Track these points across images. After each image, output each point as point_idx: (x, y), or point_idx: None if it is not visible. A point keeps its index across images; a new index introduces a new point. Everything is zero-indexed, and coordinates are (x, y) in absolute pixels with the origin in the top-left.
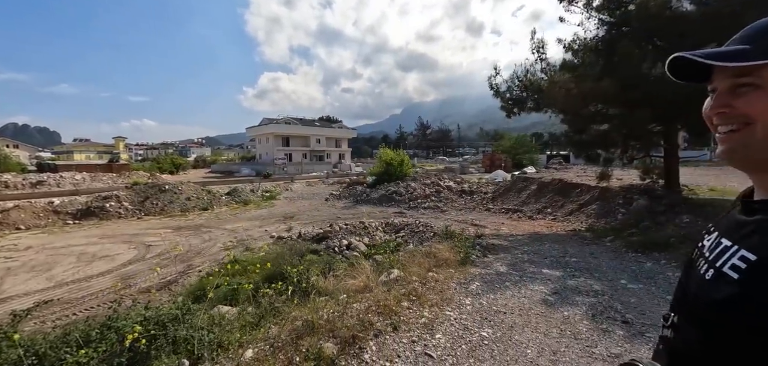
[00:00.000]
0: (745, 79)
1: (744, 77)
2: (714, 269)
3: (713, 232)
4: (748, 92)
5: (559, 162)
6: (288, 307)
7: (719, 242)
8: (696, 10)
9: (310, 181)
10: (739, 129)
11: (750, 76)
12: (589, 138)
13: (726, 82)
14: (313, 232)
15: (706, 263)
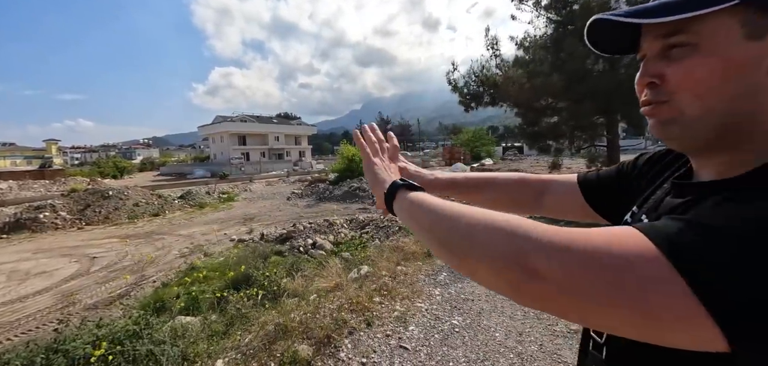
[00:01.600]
0: (677, 38)
1: (678, 36)
2: None
3: (640, 212)
4: (683, 56)
5: (514, 153)
6: (257, 312)
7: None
8: None
9: (270, 181)
10: (670, 100)
11: (684, 33)
12: (541, 130)
13: (656, 43)
14: (276, 232)
15: None
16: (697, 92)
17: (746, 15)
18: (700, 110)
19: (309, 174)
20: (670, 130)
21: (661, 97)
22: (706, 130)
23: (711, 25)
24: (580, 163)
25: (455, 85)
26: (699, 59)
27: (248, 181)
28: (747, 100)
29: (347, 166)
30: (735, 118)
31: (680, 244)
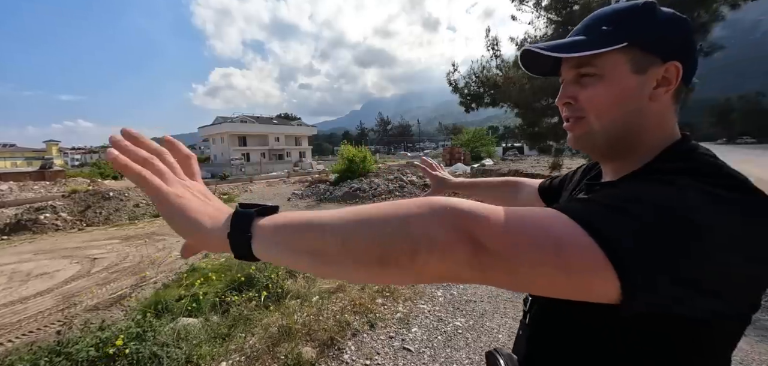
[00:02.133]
0: (586, 69)
1: (586, 67)
2: None
3: None
4: (590, 84)
5: (514, 153)
6: (259, 313)
7: None
8: None
9: (270, 181)
10: (583, 117)
11: (591, 66)
12: (541, 130)
13: (570, 72)
14: None
15: None
16: (599, 112)
17: (633, 54)
18: (601, 126)
19: (309, 175)
20: (581, 142)
21: (575, 114)
22: (605, 141)
23: (609, 61)
24: (580, 162)
25: (456, 85)
26: (601, 87)
27: (249, 181)
28: (634, 119)
29: (348, 167)
30: (625, 133)
31: (586, 211)
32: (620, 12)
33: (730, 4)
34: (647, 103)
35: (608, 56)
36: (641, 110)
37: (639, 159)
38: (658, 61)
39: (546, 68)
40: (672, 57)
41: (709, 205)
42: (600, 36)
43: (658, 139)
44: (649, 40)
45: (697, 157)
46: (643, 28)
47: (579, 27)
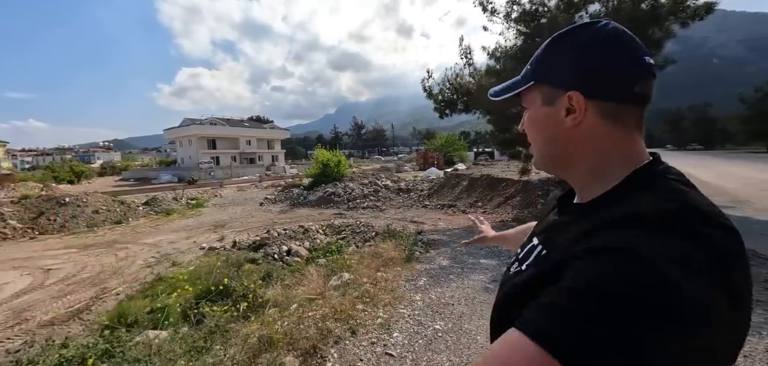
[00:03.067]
0: (524, 104)
1: (523, 103)
2: (518, 262)
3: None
4: (525, 116)
5: (486, 158)
6: (236, 324)
7: (531, 240)
8: None
9: (241, 186)
10: (531, 144)
11: (523, 102)
12: (511, 137)
13: (522, 105)
14: (249, 240)
15: (517, 262)
16: (532, 140)
17: (542, 89)
18: (537, 150)
19: (282, 179)
20: (537, 163)
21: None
22: (543, 163)
23: (529, 97)
24: None
25: (430, 92)
26: (527, 119)
27: (218, 186)
28: (559, 145)
29: (322, 171)
30: (556, 156)
31: (539, 322)
32: (539, 52)
33: (681, 22)
34: (570, 130)
35: (528, 93)
36: (564, 137)
37: (583, 181)
38: (561, 92)
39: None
40: (571, 87)
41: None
42: (523, 76)
43: (593, 163)
44: (551, 76)
45: (658, 189)
46: (546, 66)
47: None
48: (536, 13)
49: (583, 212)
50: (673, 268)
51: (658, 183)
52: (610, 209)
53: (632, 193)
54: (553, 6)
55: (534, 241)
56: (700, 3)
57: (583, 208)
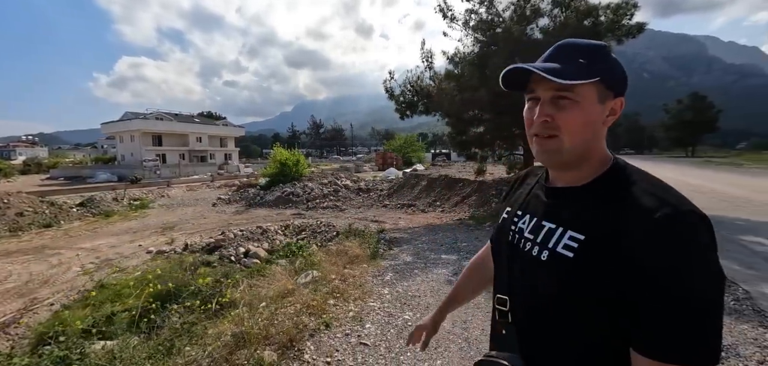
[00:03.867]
0: (566, 94)
1: (565, 92)
2: (548, 250)
3: (525, 216)
4: (567, 107)
5: (443, 160)
6: (202, 326)
7: (541, 225)
8: (544, 39)
9: (191, 185)
10: (555, 136)
11: (570, 91)
12: (468, 139)
13: (548, 93)
14: (202, 242)
15: (536, 246)
16: (572, 133)
17: (599, 87)
18: (572, 144)
19: (237, 178)
20: (550, 155)
21: (549, 132)
22: (573, 156)
23: (584, 91)
24: (501, 169)
25: (392, 92)
26: (577, 112)
27: (165, 185)
28: (592, 139)
29: (280, 171)
30: (585, 150)
31: None
32: (592, 49)
33: (617, 39)
34: (601, 128)
35: (583, 86)
36: (597, 133)
37: (588, 169)
38: (612, 95)
39: (518, 85)
40: (620, 93)
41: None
42: (578, 67)
43: (601, 154)
44: (610, 78)
45: (631, 169)
46: (607, 67)
47: (553, 52)
48: (492, 23)
49: (583, 194)
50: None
51: (628, 168)
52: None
53: (625, 176)
54: (507, 17)
55: (546, 224)
56: (633, 23)
57: (576, 192)
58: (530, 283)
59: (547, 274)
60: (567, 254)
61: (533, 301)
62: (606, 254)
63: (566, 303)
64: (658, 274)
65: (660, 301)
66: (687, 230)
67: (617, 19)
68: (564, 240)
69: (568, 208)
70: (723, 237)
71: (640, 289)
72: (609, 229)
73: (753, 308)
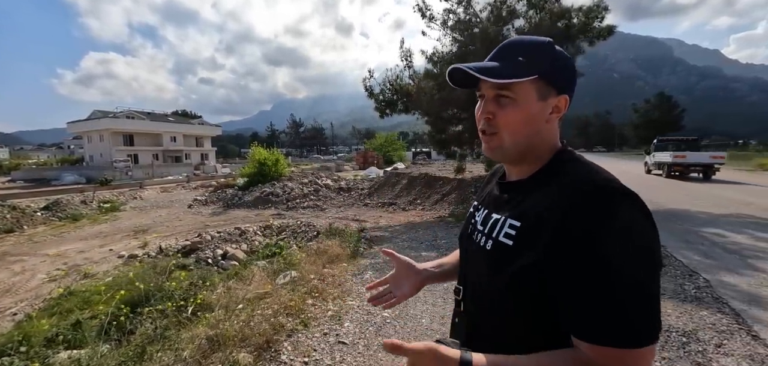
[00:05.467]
0: (505, 92)
1: (504, 90)
2: (492, 239)
3: (482, 209)
4: (507, 105)
5: (423, 158)
6: (175, 330)
7: (490, 216)
8: None
9: (166, 187)
10: (496, 133)
11: (508, 90)
12: (447, 137)
13: (491, 91)
14: (177, 244)
15: (483, 236)
16: (512, 130)
17: (539, 84)
18: (512, 141)
19: (214, 179)
20: (495, 152)
21: (492, 130)
22: (514, 152)
23: (522, 89)
24: (480, 168)
25: (371, 91)
26: (515, 110)
27: (138, 187)
28: (534, 136)
29: (259, 170)
30: (527, 146)
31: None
32: (532, 46)
33: (588, 40)
34: (544, 124)
35: (521, 85)
36: (540, 130)
37: (533, 163)
38: (554, 92)
39: (468, 83)
40: (564, 91)
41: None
42: (515, 65)
43: (549, 148)
44: (551, 75)
45: (571, 156)
46: (547, 64)
47: (497, 52)
48: (470, 23)
49: (527, 185)
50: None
51: (567, 156)
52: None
53: (563, 164)
54: (484, 18)
55: (493, 215)
56: (604, 25)
57: (522, 184)
58: (478, 272)
59: (490, 262)
60: (507, 242)
61: (479, 289)
62: (536, 236)
63: (506, 288)
64: (578, 249)
65: (579, 278)
66: (608, 203)
67: (588, 22)
68: (505, 229)
69: (513, 200)
70: (686, 229)
71: (564, 265)
72: (540, 211)
73: (712, 296)
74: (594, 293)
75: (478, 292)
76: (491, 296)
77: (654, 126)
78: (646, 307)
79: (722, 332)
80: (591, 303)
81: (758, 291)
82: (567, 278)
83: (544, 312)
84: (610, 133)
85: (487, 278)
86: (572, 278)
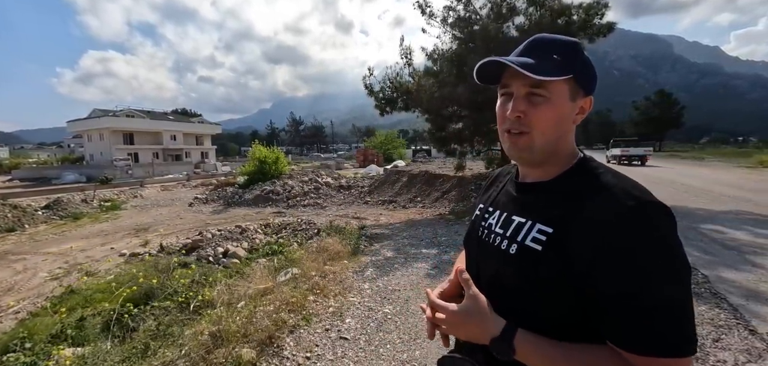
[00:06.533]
0: (539, 90)
1: (539, 88)
2: (517, 243)
3: (495, 211)
4: (540, 104)
5: (424, 156)
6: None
7: (511, 219)
8: (520, 36)
9: (166, 185)
10: (527, 133)
11: (543, 88)
12: (447, 135)
13: (523, 88)
14: (178, 243)
15: (505, 239)
16: (544, 129)
17: (571, 85)
18: (543, 141)
19: (214, 177)
20: (522, 152)
21: (521, 129)
22: (543, 153)
23: (556, 88)
24: (480, 164)
25: (371, 89)
26: (549, 108)
27: (138, 186)
28: (562, 137)
29: (259, 168)
30: (555, 147)
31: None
32: (566, 45)
33: (588, 38)
34: (571, 125)
35: (557, 83)
36: (567, 130)
37: (556, 164)
38: (582, 93)
39: (492, 79)
40: (590, 92)
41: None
42: (553, 64)
43: (572, 150)
44: (583, 76)
45: (597, 164)
46: (580, 66)
47: (527, 47)
48: (470, 20)
49: (552, 189)
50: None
51: (594, 163)
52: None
53: (591, 171)
54: (484, 15)
55: (516, 218)
56: (604, 22)
57: (547, 186)
58: (497, 276)
59: (516, 266)
60: (535, 247)
61: (500, 294)
62: (572, 246)
63: (535, 295)
64: (621, 265)
65: (624, 291)
66: (649, 221)
67: (589, 19)
68: (533, 233)
69: (537, 203)
70: (686, 226)
71: (605, 279)
72: (575, 222)
73: (710, 291)
74: (639, 306)
75: (500, 299)
76: (518, 302)
77: (654, 123)
78: (686, 320)
79: (720, 327)
80: (636, 315)
81: (757, 287)
82: (611, 290)
83: (573, 318)
84: (610, 131)
85: (511, 283)
86: (617, 290)
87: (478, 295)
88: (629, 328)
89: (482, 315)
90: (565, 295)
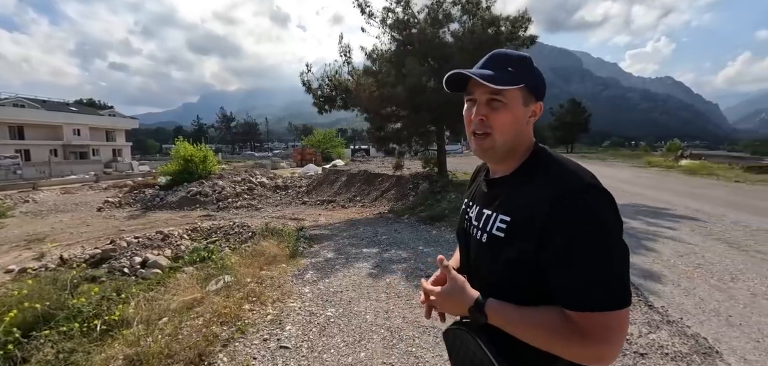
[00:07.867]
0: (498, 97)
1: (498, 95)
2: (486, 234)
3: (474, 206)
4: (499, 109)
5: (362, 155)
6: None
7: (482, 212)
8: (454, 42)
9: (68, 187)
10: (489, 134)
11: (501, 95)
12: (386, 134)
13: (484, 96)
14: (84, 254)
15: (479, 230)
16: (502, 131)
17: (524, 92)
18: (502, 140)
19: (130, 177)
20: (487, 152)
21: (485, 130)
22: (503, 151)
23: (512, 95)
24: (418, 164)
25: (309, 86)
26: (506, 113)
27: (30, 188)
28: (518, 137)
29: (184, 168)
30: (513, 146)
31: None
32: (519, 59)
33: (515, 47)
34: (525, 126)
35: (512, 91)
36: (522, 131)
37: (515, 159)
38: (534, 99)
39: (458, 87)
40: (540, 98)
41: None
42: (507, 74)
43: (527, 146)
44: (533, 85)
45: (548, 153)
46: (531, 76)
47: (487, 61)
48: (408, 23)
49: (512, 182)
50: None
51: (545, 153)
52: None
53: (542, 160)
54: (422, 19)
55: (485, 211)
56: (527, 35)
57: (507, 180)
58: (479, 262)
59: (488, 253)
60: (499, 235)
61: (483, 276)
62: (526, 228)
63: (503, 273)
64: (563, 239)
65: (565, 262)
66: (590, 199)
67: (515, 31)
68: (496, 223)
69: (500, 196)
70: None
71: (550, 251)
72: (528, 207)
73: None
74: (576, 274)
75: (482, 280)
76: (494, 281)
77: (568, 128)
78: (616, 283)
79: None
80: (574, 282)
81: (651, 267)
82: (557, 260)
83: (536, 287)
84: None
85: (487, 266)
86: (560, 261)
87: (456, 276)
88: (568, 291)
89: (460, 291)
90: (524, 269)
